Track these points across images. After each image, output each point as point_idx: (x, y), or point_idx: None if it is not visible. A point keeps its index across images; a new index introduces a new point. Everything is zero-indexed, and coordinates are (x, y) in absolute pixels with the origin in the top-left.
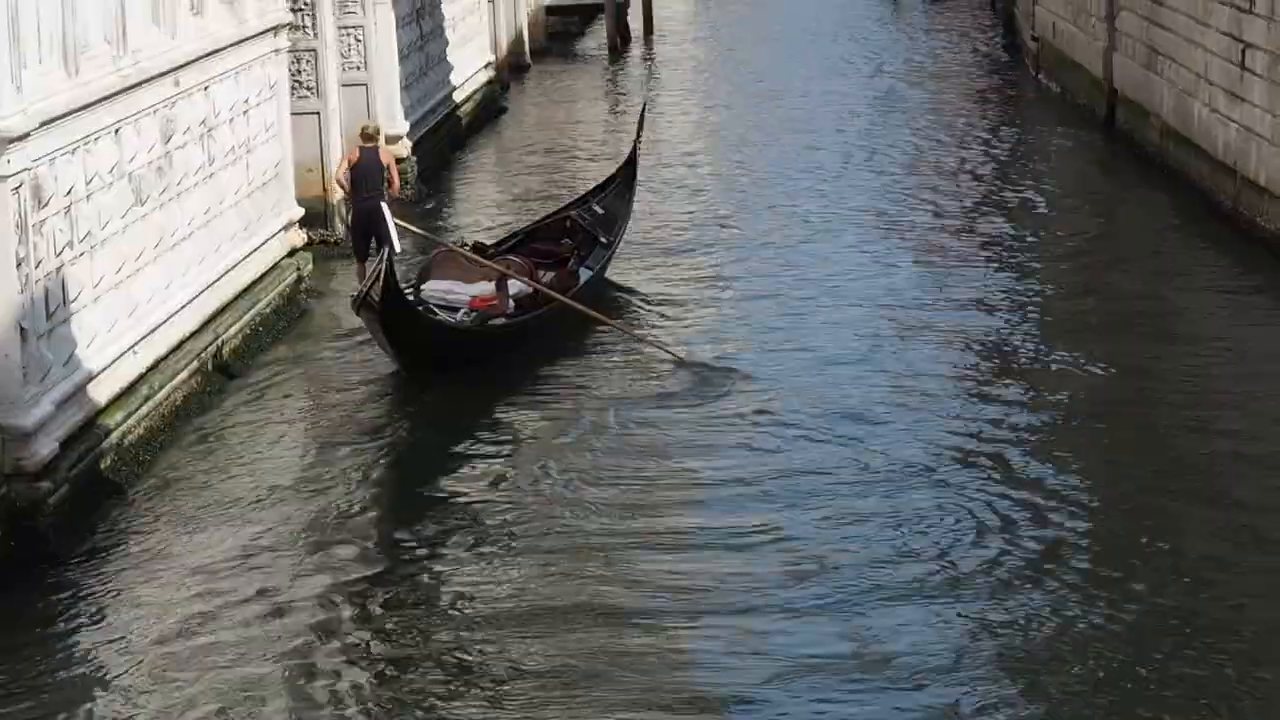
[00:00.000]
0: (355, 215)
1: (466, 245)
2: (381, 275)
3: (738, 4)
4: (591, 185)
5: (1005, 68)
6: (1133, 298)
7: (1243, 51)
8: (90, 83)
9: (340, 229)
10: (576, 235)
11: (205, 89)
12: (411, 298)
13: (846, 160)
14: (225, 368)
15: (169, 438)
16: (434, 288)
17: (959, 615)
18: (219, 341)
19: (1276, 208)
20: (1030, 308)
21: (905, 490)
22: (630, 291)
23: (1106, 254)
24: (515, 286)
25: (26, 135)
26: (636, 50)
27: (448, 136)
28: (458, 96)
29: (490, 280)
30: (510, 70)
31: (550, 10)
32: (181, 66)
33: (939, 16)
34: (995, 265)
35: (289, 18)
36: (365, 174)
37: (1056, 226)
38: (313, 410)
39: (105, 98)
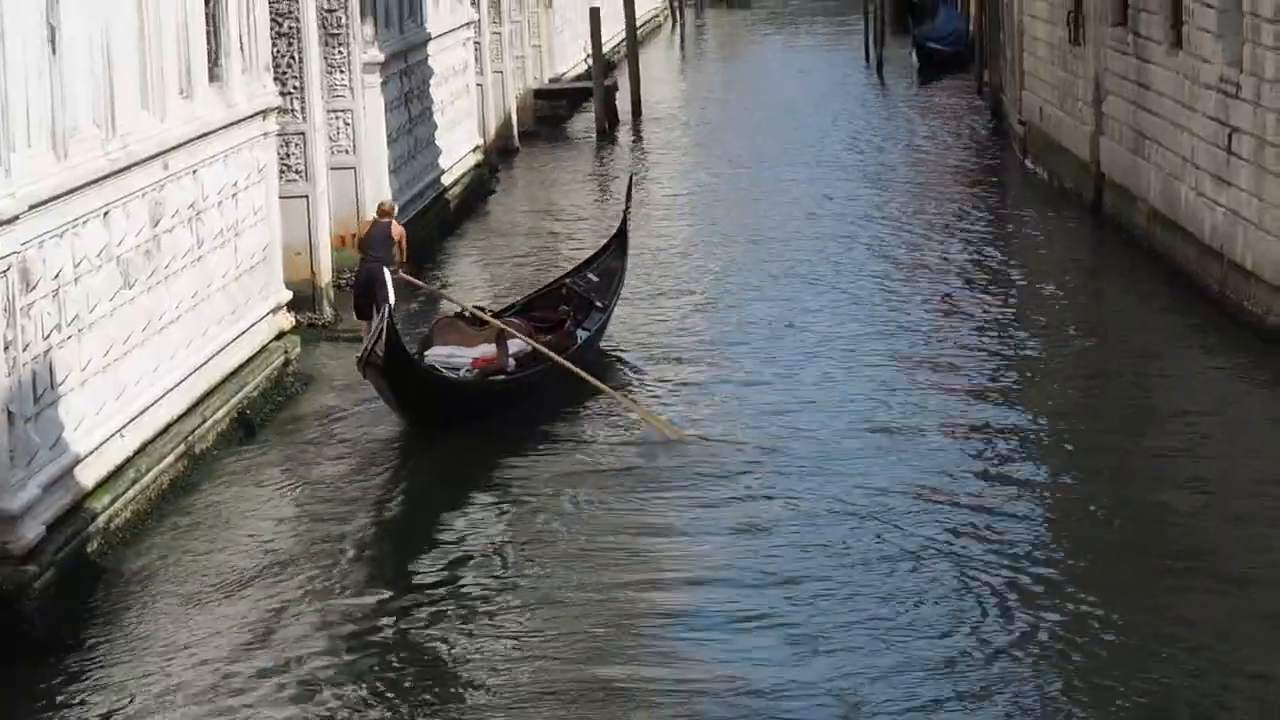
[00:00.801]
0: (358, 277)
1: (467, 310)
2: (383, 333)
3: (727, 85)
4: (582, 259)
5: (992, 151)
6: (1119, 379)
7: (1229, 136)
8: (79, 166)
9: (329, 312)
10: (573, 301)
11: (194, 172)
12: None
13: (832, 242)
14: (213, 451)
15: (156, 521)
16: (436, 353)
17: (955, 694)
18: (207, 424)
19: (1263, 292)
20: (1016, 388)
21: (899, 569)
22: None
23: (1093, 336)
24: (515, 346)
25: (15, 219)
26: (625, 133)
27: (436, 220)
28: (446, 180)
29: (490, 343)
30: (499, 153)
31: (539, 94)
32: (170, 150)
33: (927, 97)
34: (982, 348)
35: (278, 101)
36: (374, 242)
37: (1043, 309)
38: (301, 489)
39: (94, 181)
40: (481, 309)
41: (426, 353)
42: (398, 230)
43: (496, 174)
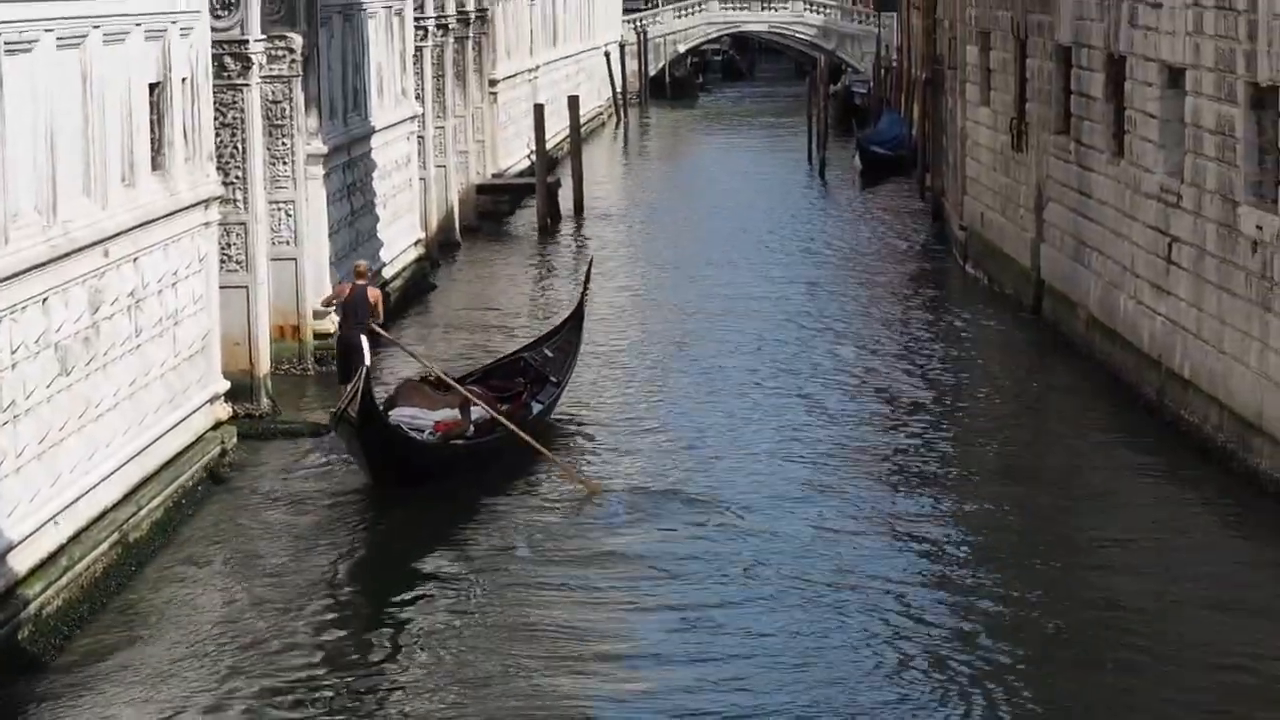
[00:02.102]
0: (340, 343)
1: (432, 374)
2: (358, 393)
3: (670, 184)
4: (540, 334)
5: (933, 255)
6: (1052, 486)
7: (1169, 245)
8: (19, 251)
9: (266, 403)
10: (529, 374)
11: (135, 260)
12: None
13: (769, 343)
14: (147, 539)
15: (89, 609)
16: (401, 413)
17: None
18: (141, 513)
19: (1201, 401)
20: (950, 491)
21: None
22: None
23: (1029, 441)
24: (476, 413)
25: None
26: (567, 230)
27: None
28: (387, 273)
29: (452, 408)
30: (440, 248)
31: (481, 189)
32: (112, 237)
33: (870, 200)
34: (915, 450)
35: (220, 191)
36: (353, 308)
37: (980, 415)
38: (233, 578)
39: (34, 267)
40: (446, 376)
41: (391, 413)
42: (374, 294)
43: (437, 268)
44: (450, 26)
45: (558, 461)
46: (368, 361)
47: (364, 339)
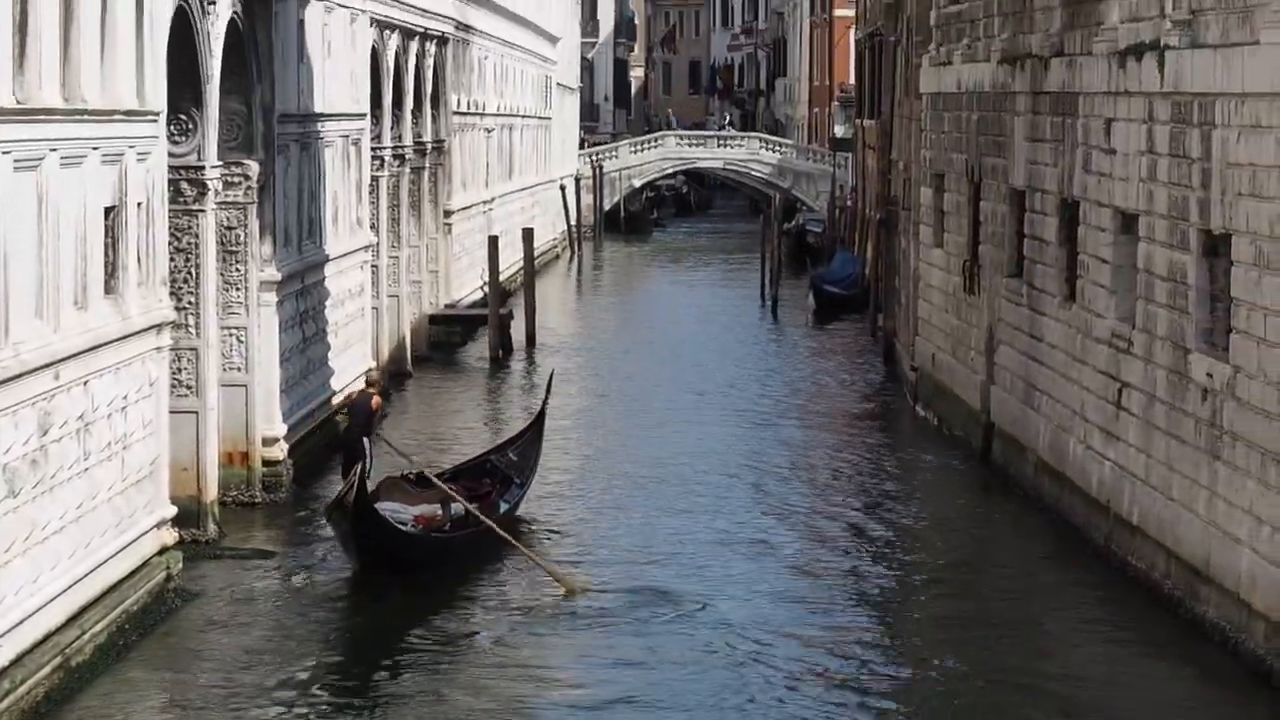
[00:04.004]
0: (344, 442)
1: (413, 471)
2: (355, 486)
3: (622, 319)
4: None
5: (884, 395)
6: (998, 630)
7: (1119, 391)
8: None
9: (213, 529)
10: (495, 475)
11: (85, 383)
12: None
13: (717, 482)
14: (90, 663)
15: None
16: (383, 507)
17: None
18: (85, 637)
19: (1149, 548)
20: (898, 638)
21: None
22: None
23: (976, 587)
24: (454, 509)
25: None
26: (518, 362)
27: (325, 440)
28: (336, 401)
29: (430, 504)
30: (391, 377)
31: (434, 319)
32: (63, 360)
33: (821, 338)
34: (863, 595)
35: (173, 316)
36: (356, 413)
37: (927, 558)
38: (176, 702)
39: None
40: (429, 473)
41: (375, 506)
42: (377, 401)
43: (389, 398)
44: (407, 157)
45: (539, 561)
46: (369, 460)
47: (366, 441)
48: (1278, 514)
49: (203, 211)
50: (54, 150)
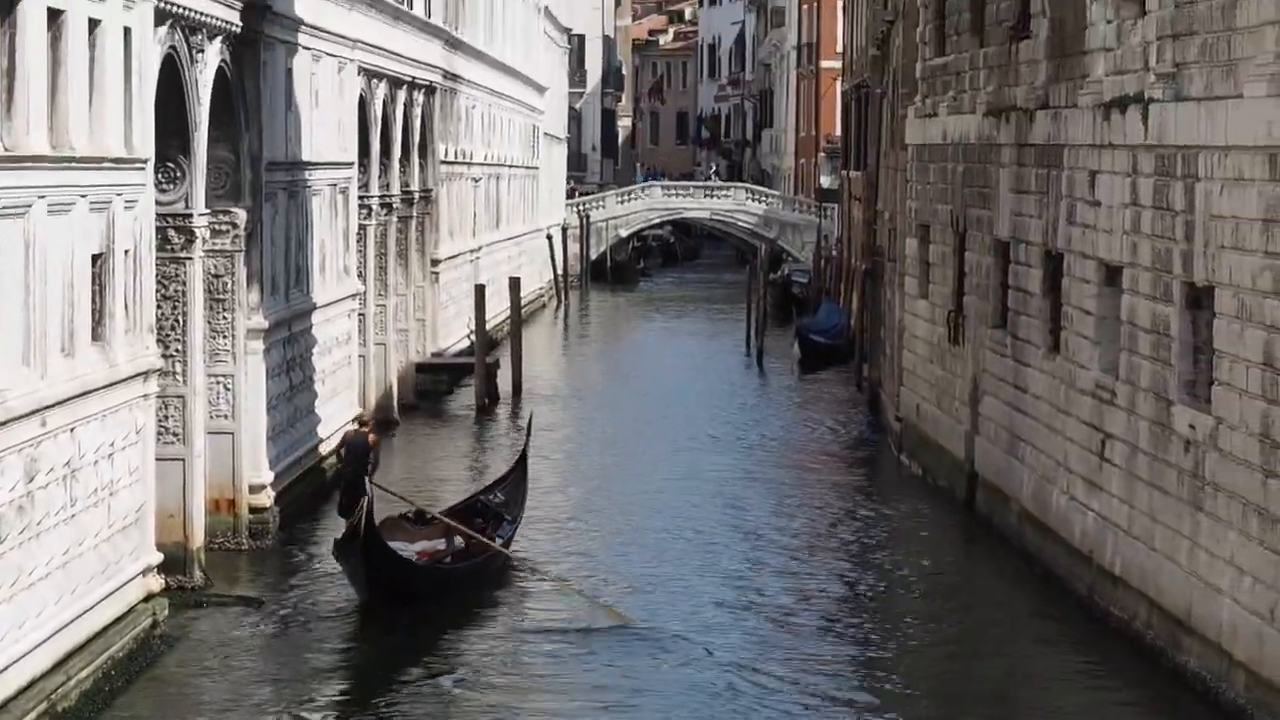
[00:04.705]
0: (342, 480)
1: (411, 510)
2: (363, 520)
3: (608, 368)
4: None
5: (868, 445)
6: (982, 682)
7: (1103, 442)
8: None
9: (199, 576)
10: (487, 514)
11: (72, 430)
12: None
13: (699, 533)
14: (76, 709)
15: None
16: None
17: None
18: (70, 683)
19: (1131, 598)
20: (876, 686)
21: None
22: None
23: (958, 637)
24: (456, 542)
25: None
26: (504, 411)
27: (311, 488)
28: (323, 449)
29: (430, 539)
30: (378, 425)
31: (420, 368)
32: (49, 407)
33: (807, 388)
34: (845, 643)
35: (160, 363)
36: (352, 452)
37: (910, 606)
38: None
39: None
40: (423, 514)
41: (382, 540)
42: (373, 439)
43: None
44: (394, 205)
45: (574, 589)
46: (370, 495)
47: (367, 479)
48: (1259, 564)
49: (190, 259)
50: (41, 198)
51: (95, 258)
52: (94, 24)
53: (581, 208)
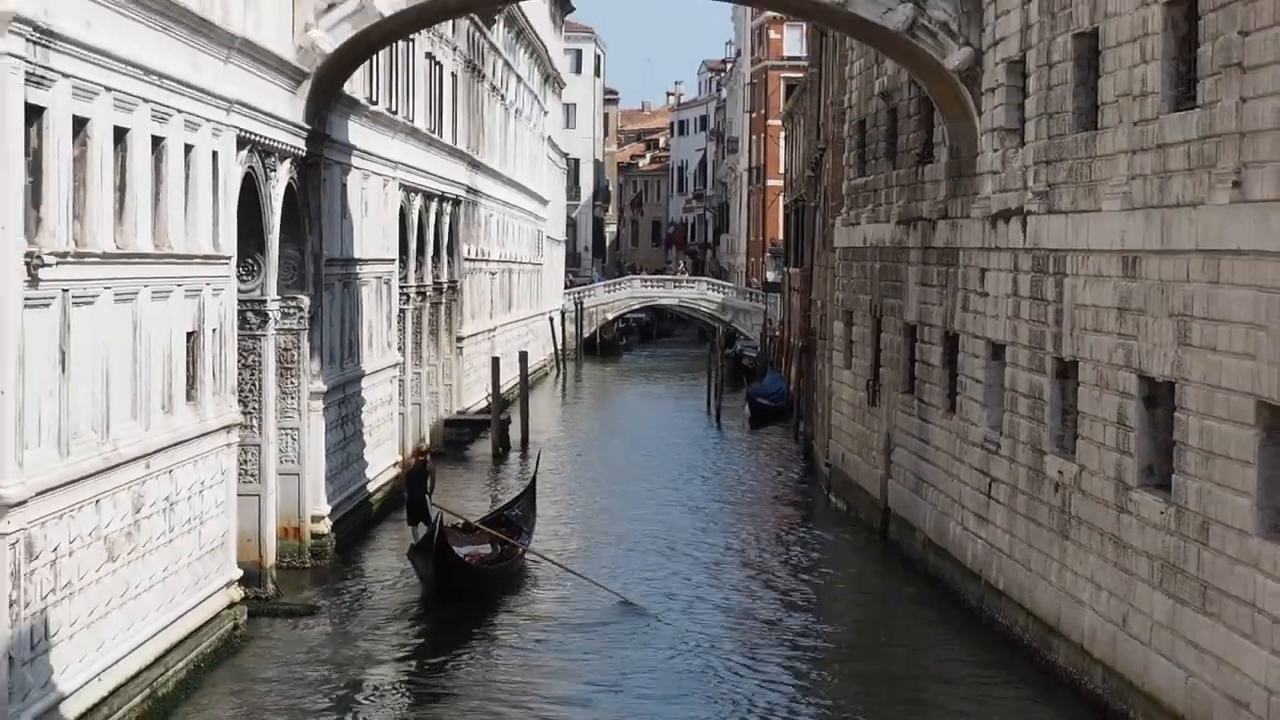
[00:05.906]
0: (406, 500)
1: (460, 522)
2: (435, 532)
3: (597, 424)
4: (505, 501)
5: (802, 486)
6: (892, 677)
7: (989, 484)
8: (78, 462)
9: (271, 588)
10: (510, 525)
11: (170, 471)
12: None
13: (656, 559)
14: (173, 695)
15: None
16: None
17: None
18: (169, 674)
19: (1012, 609)
20: (809, 673)
21: None
22: None
23: (872, 639)
24: (499, 547)
25: (24, 502)
26: (515, 458)
27: (361, 518)
28: (370, 487)
29: (475, 545)
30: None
31: (448, 423)
32: (152, 453)
33: (755, 441)
34: (775, 646)
35: (240, 419)
36: (414, 476)
37: (832, 617)
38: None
39: (89, 475)
40: (470, 523)
41: (451, 547)
42: (431, 466)
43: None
44: (427, 294)
45: (601, 584)
46: (433, 513)
47: (428, 498)
48: (1113, 581)
49: (265, 336)
50: (146, 286)
51: (189, 334)
52: (189, 149)
53: (576, 296)
